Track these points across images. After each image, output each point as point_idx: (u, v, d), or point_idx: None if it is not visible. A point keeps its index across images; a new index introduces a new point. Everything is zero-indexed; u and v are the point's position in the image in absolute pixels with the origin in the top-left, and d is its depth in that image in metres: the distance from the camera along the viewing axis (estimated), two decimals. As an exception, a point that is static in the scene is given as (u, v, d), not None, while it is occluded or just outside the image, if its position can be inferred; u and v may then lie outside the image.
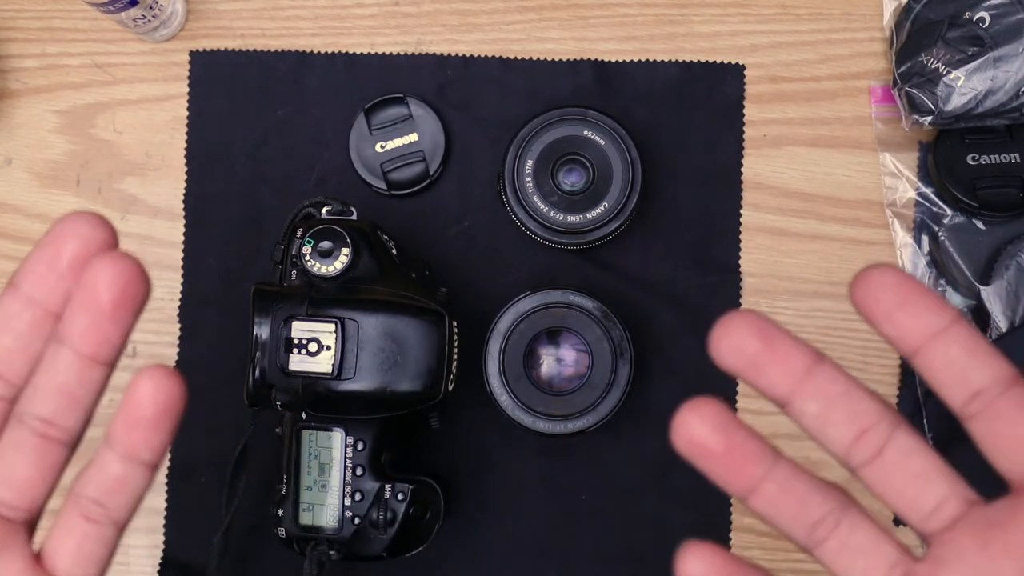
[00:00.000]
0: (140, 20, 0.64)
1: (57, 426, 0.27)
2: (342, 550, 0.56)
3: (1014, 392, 0.26)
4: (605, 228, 0.61)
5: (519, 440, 0.64)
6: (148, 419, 0.26)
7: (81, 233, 0.26)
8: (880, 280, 0.26)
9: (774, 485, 0.27)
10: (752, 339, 0.26)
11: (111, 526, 0.28)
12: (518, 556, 0.65)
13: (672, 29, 0.67)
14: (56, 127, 0.68)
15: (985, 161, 0.64)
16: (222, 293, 0.66)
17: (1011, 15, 0.62)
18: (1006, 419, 0.26)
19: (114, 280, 0.26)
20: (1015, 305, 0.63)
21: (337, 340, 0.52)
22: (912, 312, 0.26)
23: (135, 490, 0.28)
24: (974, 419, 0.27)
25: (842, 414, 0.27)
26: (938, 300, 0.27)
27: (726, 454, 0.27)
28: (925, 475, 0.27)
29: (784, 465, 0.27)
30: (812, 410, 0.27)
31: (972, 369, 0.26)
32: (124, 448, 0.27)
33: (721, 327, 0.26)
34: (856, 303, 0.27)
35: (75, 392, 0.27)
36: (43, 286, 0.27)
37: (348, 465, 0.56)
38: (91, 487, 0.28)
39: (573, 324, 0.60)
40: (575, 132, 0.61)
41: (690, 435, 0.27)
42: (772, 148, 0.67)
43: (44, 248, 0.27)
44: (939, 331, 0.26)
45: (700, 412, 0.27)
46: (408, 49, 0.67)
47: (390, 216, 0.65)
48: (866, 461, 0.27)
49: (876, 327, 0.27)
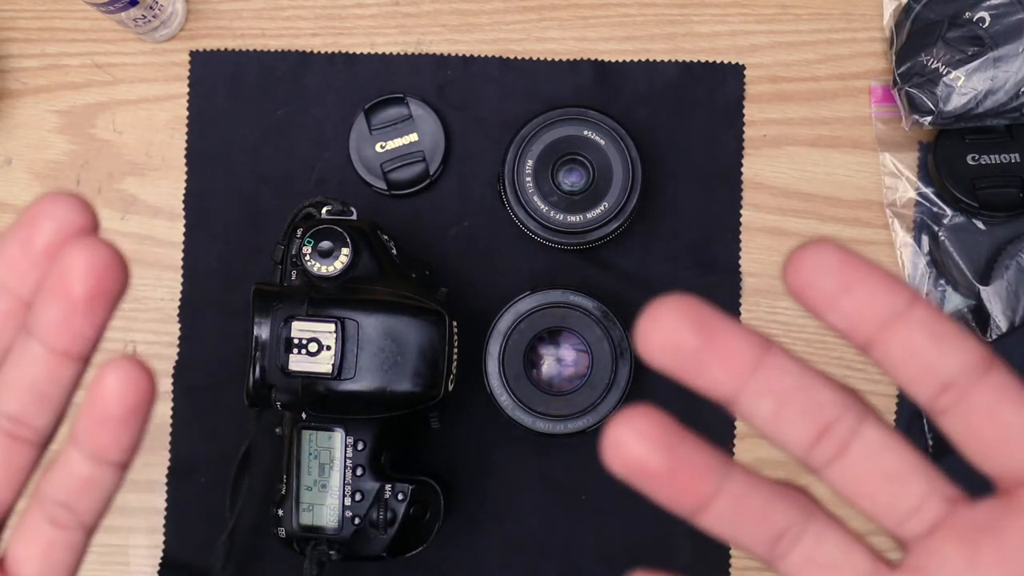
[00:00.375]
0: (140, 20, 0.64)
1: (26, 424, 0.25)
2: (342, 550, 0.56)
3: (991, 379, 0.22)
4: (605, 228, 0.61)
5: (519, 440, 0.64)
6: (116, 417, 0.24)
7: (58, 215, 0.24)
8: (817, 261, 0.22)
9: (728, 500, 0.23)
10: (687, 332, 0.22)
11: (79, 530, 0.26)
12: (518, 556, 0.65)
13: (672, 29, 0.67)
14: (56, 127, 0.68)
15: (985, 161, 0.64)
16: (222, 293, 0.66)
17: (1011, 15, 0.62)
18: (984, 411, 0.23)
19: (89, 269, 0.23)
20: (1015, 305, 0.63)
21: (337, 340, 0.52)
22: (861, 295, 0.22)
23: (104, 492, 0.26)
24: (947, 415, 0.23)
25: (799, 410, 0.23)
26: (889, 278, 0.22)
27: (670, 473, 0.23)
28: (899, 473, 0.23)
29: (738, 475, 0.23)
30: (765, 409, 0.23)
31: (939, 356, 0.22)
32: (91, 448, 0.25)
33: (648, 319, 0.22)
34: (792, 292, 0.22)
35: (45, 389, 0.25)
36: (15, 272, 0.24)
37: (348, 465, 0.56)
38: (57, 489, 0.25)
39: (573, 324, 0.60)
40: (575, 132, 0.61)
41: (625, 455, 0.22)
42: (772, 148, 0.67)
43: (17, 230, 0.24)
44: (895, 315, 0.22)
45: (635, 426, 0.22)
46: (408, 49, 0.67)
47: (390, 216, 0.65)
48: (830, 460, 0.23)
49: (820, 317, 0.23)
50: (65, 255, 0.23)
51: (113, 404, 0.24)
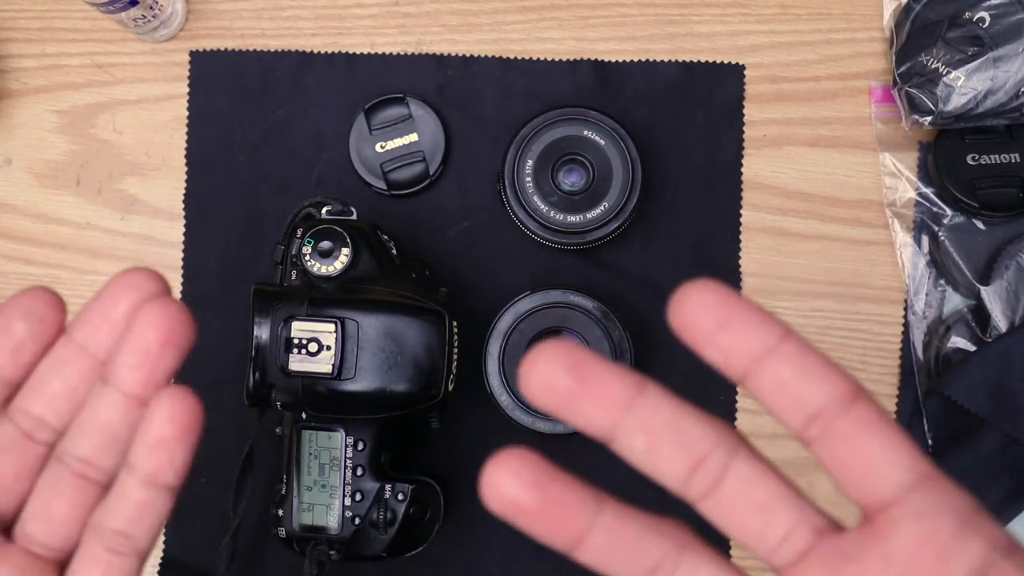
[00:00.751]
0: (140, 20, 0.64)
1: (95, 466, 0.28)
2: (342, 550, 0.56)
3: (855, 410, 0.24)
4: (605, 228, 0.61)
5: (519, 440, 0.64)
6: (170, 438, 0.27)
7: (137, 285, 0.28)
8: (697, 300, 0.24)
9: (601, 535, 0.25)
10: (563, 374, 0.24)
11: (134, 556, 0.28)
12: (518, 556, 0.65)
13: (672, 29, 0.67)
14: (56, 127, 0.68)
15: (985, 161, 0.64)
16: (222, 293, 0.66)
17: (1011, 15, 0.62)
18: (848, 442, 0.24)
19: (162, 321, 0.27)
20: (1015, 305, 0.63)
21: (337, 340, 0.52)
22: (735, 332, 0.24)
23: (157, 516, 0.28)
24: (815, 444, 0.24)
25: (672, 446, 0.24)
26: (763, 315, 0.24)
27: (543, 510, 0.24)
28: (768, 504, 0.24)
29: (611, 510, 0.25)
30: (639, 446, 0.24)
31: (807, 389, 0.24)
32: (147, 471, 0.27)
33: (528, 363, 0.24)
34: (676, 329, 0.24)
35: (117, 432, 0.27)
36: (96, 335, 0.28)
37: (348, 465, 0.56)
38: (114, 517, 0.28)
39: (573, 324, 0.60)
40: (575, 132, 0.61)
41: (502, 494, 0.24)
42: (772, 148, 0.67)
43: (100, 299, 0.28)
44: (767, 350, 0.24)
45: (509, 467, 0.24)
46: (408, 49, 0.67)
47: (390, 216, 0.65)
48: (704, 493, 0.25)
49: (700, 352, 0.24)
50: (141, 311, 0.27)
51: (167, 426, 0.27)
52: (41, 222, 0.67)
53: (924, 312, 0.65)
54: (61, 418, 0.28)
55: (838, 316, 0.66)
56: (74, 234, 0.67)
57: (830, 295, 0.66)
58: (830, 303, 0.66)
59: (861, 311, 0.66)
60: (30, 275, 0.67)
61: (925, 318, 0.65)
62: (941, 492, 0.24)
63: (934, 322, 0.65)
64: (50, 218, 0.67)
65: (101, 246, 0.67)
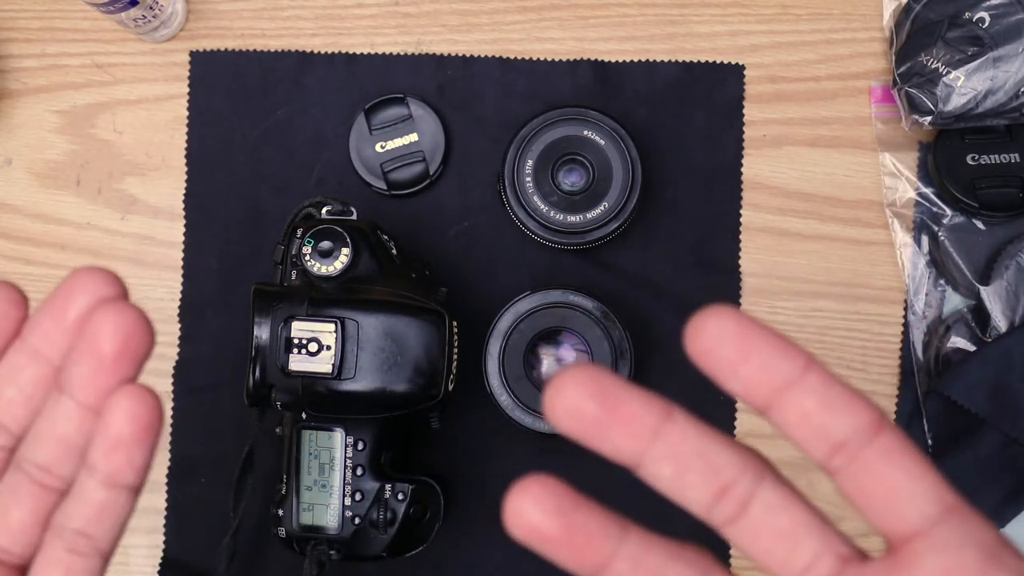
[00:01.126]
0: (140, 20, 0.64)
1: (54, 474, 0.27)
2: (342, 550, 0.56)
3: (880, 441, 0.24)
4: (605, 228, 0.61)
5: (519, 440, 0.64)
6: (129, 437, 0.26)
7: (90, 289, 0.26)
8: (717, 328, 0.23)
9: (625, 563, 0.24)
10: (589, 401, 0.23)
11: (97, 557, 0.27)
12: (518, 556, 0.65)
13: (672, 29, 0.67)
14: (56, 127, 0.68)
15: (985, 161, 0.64)
16: (222, 293, 0.66)
17: (1011, 15, 0.62)
18: (873, 473, 0.24)
19: (117, 330, 0.25)
20: (1015, 305, 0.63)
21: (337, 340, 0.52)
22: (758, 365, 0.23)
23: (119, 517, 0.27)
24: (839, 474, 0.24)
25: (698, 473, 0.24)
26: (785, 344, 0.24)
27: (567, 537, 0.24)
28: (793, 532, 0.24)
29: (635, 537, 0.25)
30: (666, 473, 0.24)
31: (831, 420, 0.24)
32: (106, 472, 0.26)
33: (553, 388, 0.24)
34: (693, 356, 0.24)
35: (73, 441, 0.27)
36: (49, 340, 0.27)
37: (348, 465, 0.56)
38: (74, 518, 0.27)
39: (573, 324, 0.60)
40: (575, 132, 0.61)
41: (525, 521, 0.24)
42: (772, 148, 0.67)
43: (52, 302, 0.27)
44: (790, 381, 0.24)
45: (532, 494, 0.24)
46: (408, 49, 0.67)
47: (390, 216, 0.65)
48: (730, 519, 0.24)
49: (720, 383, 0.24)
50: (95, 318, 0.26)
51: (125, 425, 0.26)
52: (41, 222, 0.67)
53: (924, 312, 0.65)
54: (19, 423, 0.28)
55: (838, 316, 0.66)
56: (74, 234, 0.67)
57: (830, 295, 0.66)
58: (830, 303, 0.66)
59: (861, 311, 0.66)
60: (30, 275, 0.67)
61: (925, 318, 0.65)
62: (967, 525, 0.24)
63: (934, 322, 0.65)
64: (50, 218, 0.67)
65: (101, 246, 0.67)
